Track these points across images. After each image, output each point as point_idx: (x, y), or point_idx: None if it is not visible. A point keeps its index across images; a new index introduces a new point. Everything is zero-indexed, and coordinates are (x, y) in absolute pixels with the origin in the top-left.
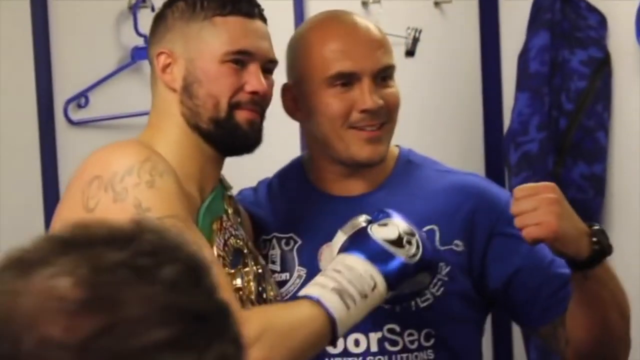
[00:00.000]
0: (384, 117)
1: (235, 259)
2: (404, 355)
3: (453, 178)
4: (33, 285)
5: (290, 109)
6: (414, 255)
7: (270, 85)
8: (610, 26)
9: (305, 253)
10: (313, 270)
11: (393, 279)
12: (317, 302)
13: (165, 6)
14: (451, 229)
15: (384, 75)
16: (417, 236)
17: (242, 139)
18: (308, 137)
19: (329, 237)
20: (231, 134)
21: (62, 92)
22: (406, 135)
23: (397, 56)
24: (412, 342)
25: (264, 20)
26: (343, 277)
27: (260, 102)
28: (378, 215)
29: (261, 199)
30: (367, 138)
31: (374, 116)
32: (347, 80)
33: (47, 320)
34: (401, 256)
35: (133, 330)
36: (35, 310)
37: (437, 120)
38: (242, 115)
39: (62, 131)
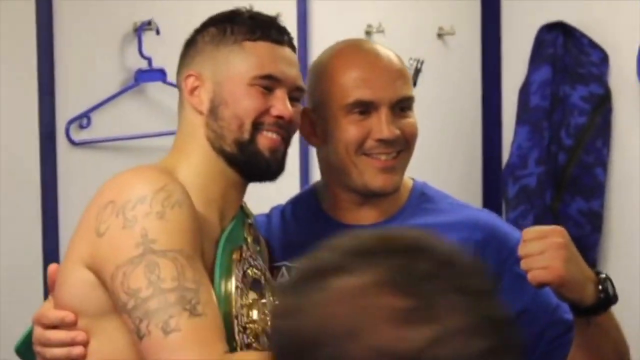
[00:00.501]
0: (401, 145)
1: (253, 289)
2: None
3: (466, 212)
4: (342, 294)
5: (307, 134)
6: None
7: (297, 112)
8: (612, 63)
9: None
10: None
11: None
12: None
13: (197, 32)
14: None
15: (402, 106)
16: None
17: (264, 165)
18: (323, 164)
19: None
20: (253, 159)
21: (64, 112)
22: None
23: None
24: None
25: (293, 48)
26: None
27: (285, 126)
28: None
29: (274, 226)
30: (381, 167)
31: (389, 145)
32: (365, 108)
33: (374, 329)
34: None
35: (459, 339)
36: (358, 318)
37: (436, 150)
38: (264, 140)
39: (64, 151)
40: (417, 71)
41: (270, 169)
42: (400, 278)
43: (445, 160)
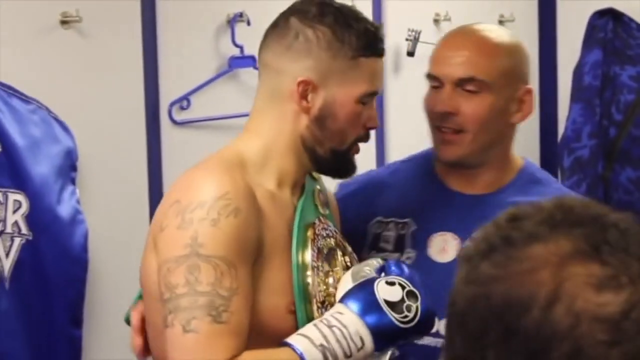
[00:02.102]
0: (455, 125)
1: (327, 260)
2: None
3: None
4: (542, 263)
5: None
6: (410, 320)
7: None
8: None
9: (417, 238)
10: (421, 254)
11: (382, 341)
12: (300, 357)
13: (305, 21)
14: None
15: (466, 86)
16: (418, 302)
17: (348, 172)
18: None
19: (441, 228)
20: (342, 165)
21: (167, 95)
22: None
23: None
24: None
25: None
26: (333, 336)
27: (369, 136)
28: (391, 267)
29: (386, 182)
30: (441, 139)
31: (443, 119)
32: (436, 82)
33: (575, 295)
34: (397, 322)
35: None
36: (560, 285)
37: None
38: (356, 150)
39: (167, 130)
40: None
41: (351, 173)
42: (595, 246)
43: None
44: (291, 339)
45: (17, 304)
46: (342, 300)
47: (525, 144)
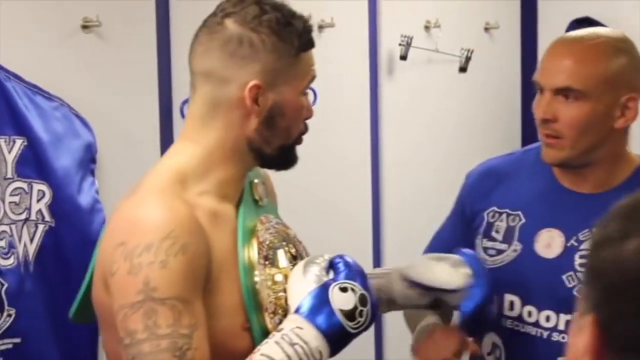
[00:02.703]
0: (553, 131)
1: (272, 261)
2: None
3: None
4: None
5: None
6: (361, 325)
7: None
8: None
9: (525, 231)
10: (527, 247)
11: (337, 349)
12: None
13: (248, 29)
14: None
15: (564, 94)
16: (367, 307)
17: (293, 162)
18: None
19: (550, 224)
20: (287, 158)
21: (179, 94)
22: (459, 137)
23: (452, 72)
24: None
25: None
26: (296, 355)
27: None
28: (338, 264)
29: (507, 171)
30: (544, 142)
31: (543, 124)
32: (540, 88)
33: None
34: (351, 330)
35: None
36: None
37: (482, 125)
38: (298, 144)
39: (179, 126)
40: (468, 59)
41: (294, 164)
42: None
43: (488, 132)
44: (256, 351)
45: (40, 286)
46: (298, 310)
47: (507, 142)
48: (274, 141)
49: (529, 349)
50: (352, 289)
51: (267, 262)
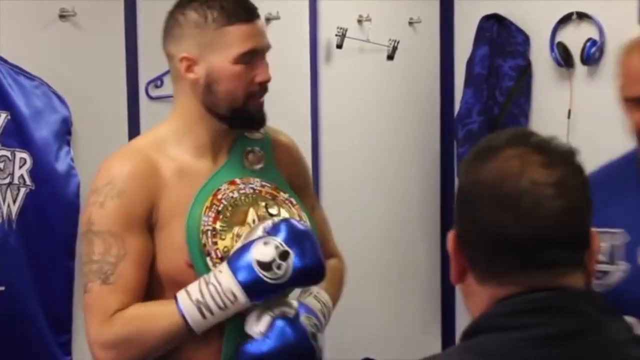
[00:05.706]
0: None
1: (230, 220)
2: None
3: None
4: (509, 160)
5: None
6: (279, 277)
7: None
8: (532, 43)
9: (630, 249)
10: (634, 266)
11: (254, 294)
12: (178, 308)
13: (177, 11)
14: None
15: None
16: (288, 260)
17: (254, 123)
18: None
19: None
20: (244, 120)
21: (145, 75)
22: (387, 116)
23: (381, 59)
24: None
25: (259, 17)
26: (208, 292)
27: (266, 87)
28: (280, 226)
29: (603, 185)
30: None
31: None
32: (631, 100)
33: (530, 171)
34: (266, 279)
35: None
36: (521, 168)
37: (405, 104)
38: (254, 105)
39: (144, 103)
40: (394, 49)
41: (259, 124)
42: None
43: (413, 112)
44: (178, 293)
45: (22, 241)
46: (228, 259)
47: (427, 120)
48: (221, 105)
49: None
50: (276, 246)
51: (218, 215)
